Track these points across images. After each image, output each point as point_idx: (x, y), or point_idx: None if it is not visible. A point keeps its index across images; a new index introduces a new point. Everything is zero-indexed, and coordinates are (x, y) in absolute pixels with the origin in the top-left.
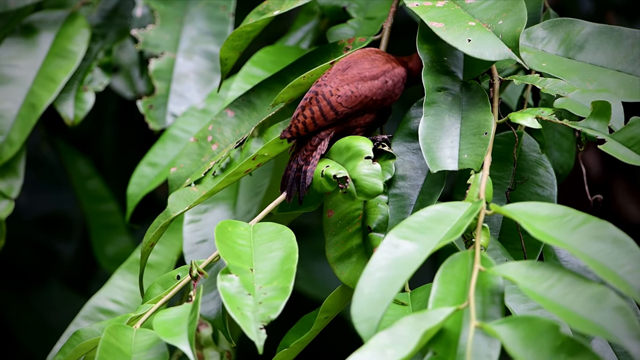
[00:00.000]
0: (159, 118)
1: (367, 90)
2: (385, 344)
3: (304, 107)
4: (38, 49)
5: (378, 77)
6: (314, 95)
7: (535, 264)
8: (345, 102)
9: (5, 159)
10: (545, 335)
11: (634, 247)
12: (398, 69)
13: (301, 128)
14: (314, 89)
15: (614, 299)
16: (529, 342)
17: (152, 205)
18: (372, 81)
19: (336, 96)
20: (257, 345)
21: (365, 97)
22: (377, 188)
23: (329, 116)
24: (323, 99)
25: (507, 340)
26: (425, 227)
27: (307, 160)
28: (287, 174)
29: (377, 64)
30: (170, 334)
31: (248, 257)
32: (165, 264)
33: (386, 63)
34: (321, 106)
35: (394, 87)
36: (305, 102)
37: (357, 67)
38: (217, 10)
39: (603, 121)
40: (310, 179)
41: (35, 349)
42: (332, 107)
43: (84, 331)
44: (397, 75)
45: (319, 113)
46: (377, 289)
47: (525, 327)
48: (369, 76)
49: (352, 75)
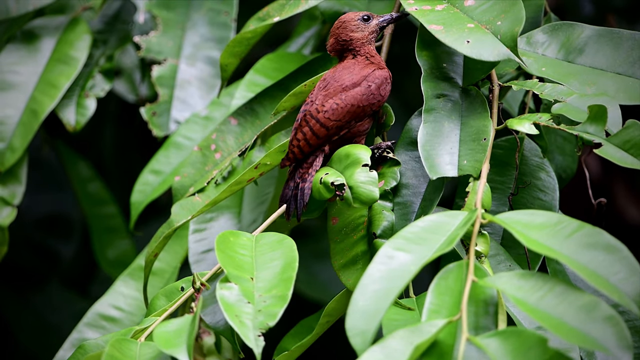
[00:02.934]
0: (162, 125)
1: (352, 99)
2: (378, 358)
3: (297, 130)
4: (39, 54)
5: (360, 84)
6: (302, 117)
7: (527, 274)
8: (332, 115)
9: (7, 166)
10: (534, 349)
11: (627, 254)
12: (378, 71)
13: (297, 152)
14: (303, 109)
15: (604, 308)
16: (518, 355)
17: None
18: (355, 89)
19: (323, 112)
20: (255, 352)
21: (352, 106)
22: (373, 195)
23: (320, 134)
24: (311, 118)
25: (496, 353)
26: (421, 237)
27: (303, 177)
28: (285, 192)
29: (356, 71)
30: (169, 345)
31: (249, 267)
32: (168, 270)
33: (364, 68)
34: (311, 126)
35: (378, 90)
36: (297, 124)
37: (336, 79)
38: (219, 16)
39: (600, 125)
40: (307, 196)
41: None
42: (321, 124)
43: (88, 344)
44: (379, 77)
45: (311, 133)
46: (371, 301)
47: (514, 341)
48: (350, 85)
49: (334, 88)
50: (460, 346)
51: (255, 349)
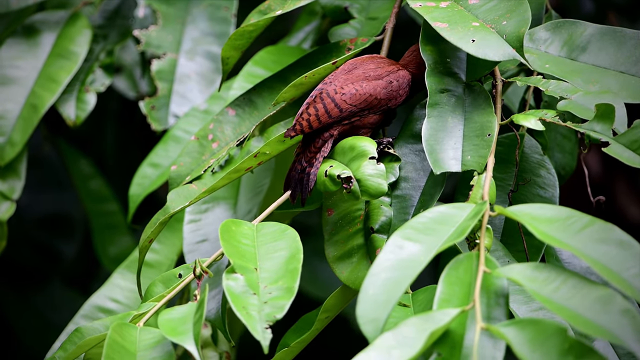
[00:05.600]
0: (161, 119)
1: (372, 89)
2: (390, 345)
3: (309, 105)
4: (40, 49)
5: (382, 77)
6: (318, 94)
7: (540, 266)
8: (349, 99)
9: (6, 160)
10: (553, 338)
11: (639, 250)
12: (403, 72)
13: (305, 126)
14: (319, 87)
15: (619, 301)
16: (537, 344)
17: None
18: (377, 81)
19: (340, 94)
20: (262, 345)
21: (370, 96)
22: (382, 188)
23: (333, 114)
24: (327, 97)
25: (515, 342)
26: (430, 228)
27: (310, 162)
28: (291, 174)
29: (382, 65)
30: (175, 332)
31: (252, 257)
32: (165, 263)
33: (391, 65)
34: (325, 104)
35: (398, 88)
36: (310, 99)
37: (362, 67)
38: (219, 11)
39: (607, 124)
40: (313, 181)
41: (37, 348)
42: (336, 104)
43: (85, 328)
44: (402, 77)
45: (323, 110)
46: (382, 289)
47: (532, 330)
48: (373, 76)
49: (356, 74)
50: (475, 336)
51: (262, 341)
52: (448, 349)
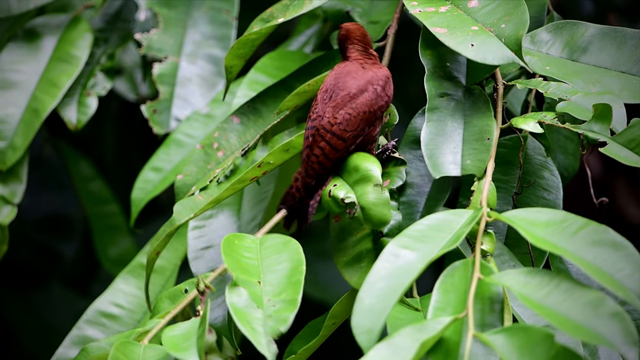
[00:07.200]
0: (163, 122)
1: (362, 105)
2: (384, 356)
3: (312, 147)
4: (41, 53)
5: (367, 89)
6: (315, 132)
7: (533, 271)
8: (347, 126)
9: (8, 165)
10: (541, 345)
11: (632, 251)
12: (380, 72)
13: (318, 169)
14: (312, 125)
15: (610, 304)
16: (525, 351)
17: (156, 209)
18: (363, 94)
19: (337, 125)
20: (268, 359)
21: (364, 113)
22: (386, 218)
23: (338, 147)
24: (326, 132)
25: (502, 350)
26: (426, 235)
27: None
28: (286, 199)
29: (359, 76)
30: (179, 348)
31: (255, 270)
32: (169, 268)
33: (364, 71)
34: (327, 140)
35: (384, 91)
36: (308, 141)
37: (340, 87)
38: (220, 14)
39: (604, 124)
40: (312, 214)
41: (37, 349)
42: (338, 137)
43: (91, 347)
44: (382, 77)
45: (329, 147)
46: (377, 299)
47: (520, 337)
48: (357, 92)
49: (341, 98)
50: (467, 343)
51: (268, 355)
52: (442, 357)
